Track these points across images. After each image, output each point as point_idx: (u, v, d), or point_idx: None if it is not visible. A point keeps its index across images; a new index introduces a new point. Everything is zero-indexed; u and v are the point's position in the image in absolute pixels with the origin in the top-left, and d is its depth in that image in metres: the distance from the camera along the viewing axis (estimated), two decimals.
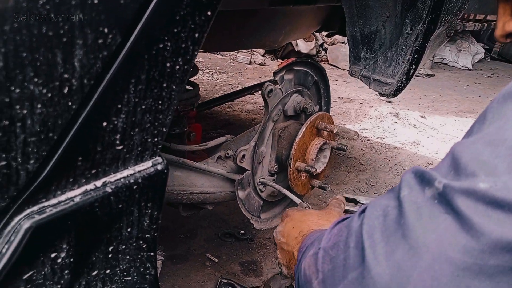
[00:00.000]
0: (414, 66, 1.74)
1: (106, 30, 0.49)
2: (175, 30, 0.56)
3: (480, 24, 8.02)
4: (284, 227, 0.95)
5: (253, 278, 1.89)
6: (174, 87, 0.61)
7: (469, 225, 0.43)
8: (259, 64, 5.76)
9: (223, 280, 1.82)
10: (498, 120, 0.47)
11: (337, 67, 6.14)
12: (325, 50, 6.43)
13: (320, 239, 0.66)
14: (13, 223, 0.51)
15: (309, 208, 1.18)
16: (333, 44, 6.36)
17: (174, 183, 1.31)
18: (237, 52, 5.84)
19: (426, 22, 1.65)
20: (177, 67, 0.60)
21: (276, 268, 1.94)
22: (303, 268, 0.65)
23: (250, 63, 5.76)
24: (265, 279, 1.86)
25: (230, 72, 5.24)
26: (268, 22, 1.98)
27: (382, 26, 1.81)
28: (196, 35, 0.60)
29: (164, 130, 0.64)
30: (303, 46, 5.98)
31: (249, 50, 5.93)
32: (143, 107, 0.58)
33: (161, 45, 0.56)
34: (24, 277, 0.54)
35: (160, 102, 0.60)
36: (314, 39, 6.18)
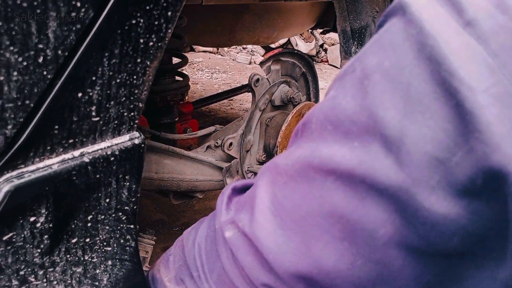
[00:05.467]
0: None
1: (78, 4, 0.53)
2: (148, 7, 0.60)
3: None
4: None
5: None
6: (148, 63, 0.64)
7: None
8: (259, 64, 5.79)
9: None
10: None
11: (337, 67, 6.16)
12: (325, 50, 6.46)
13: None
14: None
15: None
16: (333, 44, 6.39)
17: (164, 170, 1.34)
18: (237, 52, 5.89)
19: None
20: (151, 43, 0.63)
21: None
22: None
23: (250, 63, 5.80)
24: None
25: (230, 72, 5.28)
26: (261, 17, 2.02)
27: (372, 21, 1.84)
28: (169, 13, 0.63)
29: (140, 105, 0.68)
30: (303, 46, 6.02)
31: (250, 50, 5.97)
32: (118, 80, 0.62)
33: (133, 21, 0.59)
34: (4, 238, 0.57)
35: (134, 77, 0.64)
36: (314, 40, 6.21)
